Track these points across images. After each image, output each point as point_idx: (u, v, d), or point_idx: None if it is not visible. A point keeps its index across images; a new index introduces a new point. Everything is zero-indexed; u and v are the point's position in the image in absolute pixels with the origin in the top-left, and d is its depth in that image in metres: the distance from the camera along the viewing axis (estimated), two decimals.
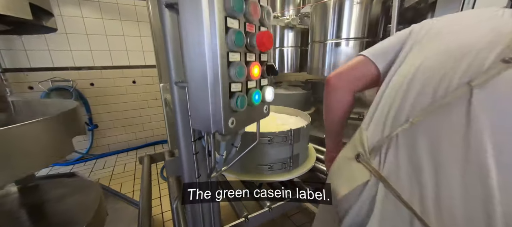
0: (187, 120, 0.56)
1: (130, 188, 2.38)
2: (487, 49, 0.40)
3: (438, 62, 0.45)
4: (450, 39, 0.47)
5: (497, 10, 0.47)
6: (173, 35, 0.47)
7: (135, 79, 3.21)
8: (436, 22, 0.53)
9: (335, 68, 1.74)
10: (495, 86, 0.37)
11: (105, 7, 2.82)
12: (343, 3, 1.58)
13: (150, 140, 3.51)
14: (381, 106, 0.52)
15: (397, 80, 0.51)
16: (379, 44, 0.63)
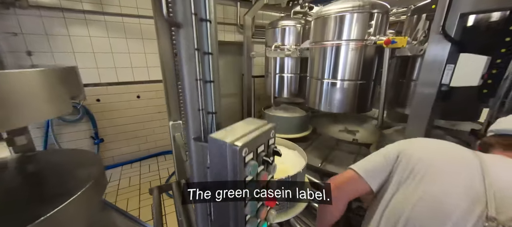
0: (202, 170, 0.62)
1: (136, 204, 2.51)
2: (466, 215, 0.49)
3: (425, 219, 0.53)
4: (432, 194, 0.54)
5: (469, 155, 0.57)
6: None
7: (139, 94, 3.32)
8: (418, 162, 0.60)
9: (331, 104, 1.87)
10: None
11: (111, 26, 2.91)
12: (339, 48, 1.70)
13: (153, 152, 3.64)
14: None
15: (392, 216, 0.59)
16: (370, 163, 0.72)
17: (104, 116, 3.14)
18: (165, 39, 1.45)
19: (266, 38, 2.69)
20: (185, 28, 0.47)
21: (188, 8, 0.45)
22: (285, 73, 2.46)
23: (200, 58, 0.50)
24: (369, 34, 1.61)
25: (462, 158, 0.58)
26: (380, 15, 1.60)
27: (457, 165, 0.57)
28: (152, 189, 1.72)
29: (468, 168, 0.54)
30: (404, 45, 1.34)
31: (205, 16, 0.47)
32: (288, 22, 2.34)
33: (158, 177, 3.08)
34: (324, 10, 1.73)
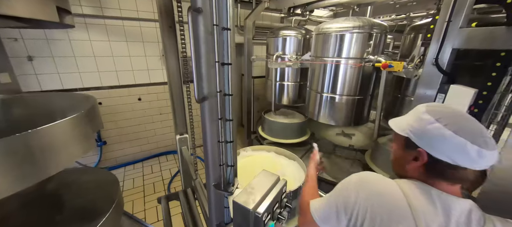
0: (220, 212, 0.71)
1: (141, 206, 2.62)
2: None
3: None
4: None
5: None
6: None
7: (141, 96, 3.35)
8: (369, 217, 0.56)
9: (329, 117, 1.97)
10: None
11: (111, 30, 2.89)
12: (339, 65, 1.77)
13: (154, 152, 3.72)
14: None
15: None
16: (320, 208, 0.66)
17: (106, 118, 3.18)
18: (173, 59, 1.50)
19: (267, 44, 2.73)
20: (210, 101, 0.55)
21: (213, 87, 0.53)
22: (286, 81, 2.53)
23: (223, 124, 0.58)
24: (367, 53, 1.68)
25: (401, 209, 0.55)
26: (378, 35, 1.67)
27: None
28: (160, 198, 1.82)
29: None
30: (401, 69, 1.42)
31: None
32: (289, 32, 2.38)
33: (160, 178, 3.18)
34: (325, 27, 1.79)
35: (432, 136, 0.55)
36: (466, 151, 0.50)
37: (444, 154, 0.53)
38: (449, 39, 1.13)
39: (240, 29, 3.85)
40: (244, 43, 3.34)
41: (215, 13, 0.48)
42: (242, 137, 4.44)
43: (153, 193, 2.86)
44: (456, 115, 0.56)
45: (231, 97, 0.57)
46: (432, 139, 0.55)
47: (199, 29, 0.49)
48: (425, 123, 0.56)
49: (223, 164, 0.62)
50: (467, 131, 0.52)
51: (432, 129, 0.55)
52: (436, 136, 0.54)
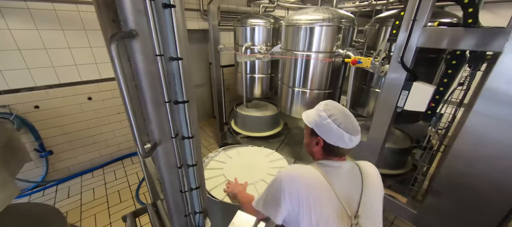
0: None
1: (106, 219, 2.37)
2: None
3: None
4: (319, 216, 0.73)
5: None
6: None
7: (91, 95, 2.88)
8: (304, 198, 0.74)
9: (300, 111, 1.96)
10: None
11: (38, 16, 2.32)
12: (309, 59, 1.72)
13: (116, 155, 3.35)
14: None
15: None
16: (261, 200, 0.84)
17: (48, 124, 2.67)
18: None
19: (234, 33, 2.54)
20: (164, 146, 0.42)
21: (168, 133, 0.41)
22: (256, 74, 2.42)
23: (185, 171, 0.46)
24: (337, 47, 1.66)
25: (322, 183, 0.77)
26: (347, 27, 1.65)
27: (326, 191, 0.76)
28: (125, 217, 1.63)
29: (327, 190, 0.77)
30: (369, 65, 1.44)
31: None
32: (257, 21, 2.22)
33: (126, 184, 2.89)
34: (295, 19, 1.69)
35: (326, 128, 0.79)
36: (344, 138, 0.77)
37: (332, 140, 0.79)
38: (413, 38, 1.15)
39: (204, 14, 3.51)
40: (209, 30, 3.06)
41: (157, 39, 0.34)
42: (214, 130, 4.29)
43: (119, 202, 2.60)
44: (341, 113, 0.80)
45: (193, 139, 0.44)
46: (325, 130, 0.79)
47: (136, 58, 0.35)
48: (321, 118, 0.80)
49: (189, 214, 0.52)
50: (345, 124, 0.78)
51: (325, 123, 0.79)
52: (327, 128, 0.79)
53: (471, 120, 1.04)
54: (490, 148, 1.00)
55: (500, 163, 0.98)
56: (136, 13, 0.33)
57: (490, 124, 0.99)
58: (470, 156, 1.08)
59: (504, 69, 0.92)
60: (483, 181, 1.06)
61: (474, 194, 1.11)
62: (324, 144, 0.81)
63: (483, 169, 1.04)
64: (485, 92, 0.98)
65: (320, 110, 0.81)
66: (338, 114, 0.79)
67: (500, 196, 1.03)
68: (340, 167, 0.81)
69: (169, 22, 0.35)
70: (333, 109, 0.80)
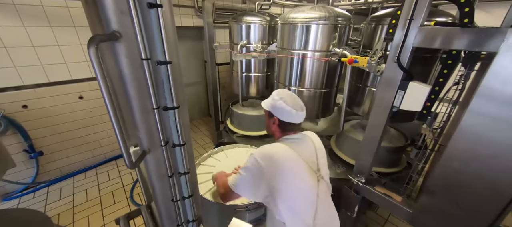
0: None
1: (100, 221, 2.33)
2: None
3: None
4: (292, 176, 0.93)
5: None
6: None
7: (82, 94, 2.81)
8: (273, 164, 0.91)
9: None
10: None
11: (25, 12, 2.23)
12: (305, 58, 1.71)
13: (110, 155, 3.29)
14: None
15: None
16: (241, 182, 0.96)
17: (37, 124, 2.60)
18: None
19: (230, 31, 2.49)
20: (154, 154, 0.40)
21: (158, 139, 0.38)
22: (252, 72, 2.39)
23: (176, 180, 0.44)
24: (333, 45, 1.65)
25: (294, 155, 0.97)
26: (343, 26, 1.63)
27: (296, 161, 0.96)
28: (118, 220, 1.60)
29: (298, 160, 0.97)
30: (365, 65, 1.43)
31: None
32: (253, 18, 2.19)
33: (121, 184, 2.84)
34: (291, 17, 1.66)
35: (278, 108, 1.01)
36: (292, 113, 1.00)
37: (284, 117, 1.01)
38: (410, 37, 1.14)
39: (199, 11, 3.45)
40: (204, 27, 3.01)
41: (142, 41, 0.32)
42: (210, 129, 4.25)
43: (113, 203, 2.55)
44: (289, 96, 1.04)
45: (184, 147, 0.42)
46: (279, 109, 1.01)
47: (121, 62, 0.32)
48: (274, 101, 1.02)
49: (182, 224, 0.49)
50: (293, 103, 1.01)
51: (278, 104, 1.00)
52: (280, 108, 1.00)
53: (467, 119, 1.04)
54: (486, 147, 1.00)
55: (496, 162, 0.99)
56: (119, 14, 0.30)
57: (485, 124, 0.99)
58: (465, 155, 1.08)
59: (499, 69, 0.92)
60: (479, 180, 1.07)
61: (469, 193, 1.12)
62: (279, 122, 1.03)
63: (479, 168, 1.05)
64: (481, 92, 0.98)
65: (274, 96, 1.04)
66: (286, 97, 1.02)
67: (494, 194, 1.04)
68: (297, 138, 1.03)
69: (156, 23, 0.32)
70: (282, 94, 1.04)
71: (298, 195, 0.92)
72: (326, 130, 2.62)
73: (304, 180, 0.93)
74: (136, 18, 0.30)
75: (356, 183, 1.63)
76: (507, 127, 0.94)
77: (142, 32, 0.31)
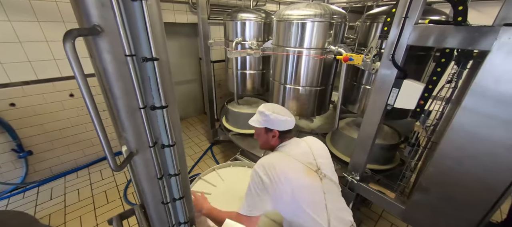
0: None
1: (92, 221, 2.28)
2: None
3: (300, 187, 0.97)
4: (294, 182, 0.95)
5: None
6: None
7: (73, 92, 2.73)
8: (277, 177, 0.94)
9: (293, 108, 1.94)
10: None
11: (9, 5, 2.14)
12: (301, 56, 1.69)
13: (102, 154, 3.22)
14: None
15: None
16: (251, 202, 0.94)
17: (26, 122, 2.52)
18: None
19: (225, 28, 2.46)
20: (141, 155, 0.38)
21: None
22: (247, 70, 2.37)
23: (166, 181, 0.42)
24: (328, 43, 1.64)
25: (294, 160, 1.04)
26: (339, 23, 1.63)
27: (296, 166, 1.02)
28: (111, 220, 1.57)
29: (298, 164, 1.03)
30: (360, 63, 1.42)
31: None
32: (248, 15, 2.16)
33: (114, 183, 2.80)
34: (286, 14, 1.65)
35: (274, 121, 1.07)
36: (288, 121, 1.09)
37: (281, 127, 1.09)
38: (404, 35, 1.14)
39: (193, 7, 3.39)
40: (198, 23, 2.95)
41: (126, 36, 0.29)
42: (206, 126, 4.21)
43: (106, 203, 2.51)
44: (276, 107, 1.12)
45: (174, 147, 0.40)
46: (276, 122, 1.07)
47: (103, 59, 0.30)
48: (268, 117, 1.07)
49: (173, 226, 0.48)
50: (284, 112, 1.11)
51: (272, 117, 1.07)
52: (276, 120, 1.07)
53: (459, 117, 1.05)
54: (478, 145, 1.02)
55: (488, 160, 1.00)
56: (100, 7, 0.28)
57: (478, 121, 1.00)
58: (457, 153, 1.09)
59: (492, 67, 0.93)
60: (470, 177, 1.08)
61: (461, 190, 1.13)
62: (279, 133, 1.10)
63: (471, 166, 1.06)
64: (473, 90, 0.99)
65: (265, 112, 1.08)
66: (276, 109, 1.10)
67: (486, 191, 1.06)
68: (290, 143, 1.11)
69: (140, 17, 0.30)
70: (271, 107, 1.11)
71: (305, 195, 0.96)
72: (321, 127, 2.63)
73: (305, 179, 0.98)
74: (118, 11, 0.28)
75: (350, 180, 1.64)
76: (499, 125, 0.95)
77: (125, 27, 0.29)
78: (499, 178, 1.00)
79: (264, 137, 1.13)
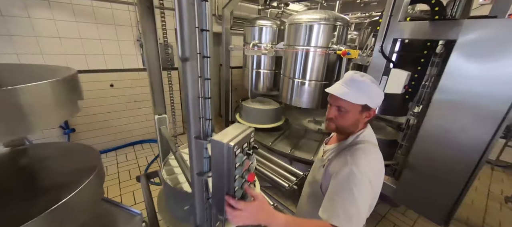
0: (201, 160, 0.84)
1: (117, 191, 2.59)
2: None
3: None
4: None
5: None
6: None
7: (113, 82, 3.23)
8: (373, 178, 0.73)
9: (299, 100, 2.18)
10: None
11: (79, 10, 2.73)
12: (308, 53, 1.98)
13: (129, 141, 3.62)
14: None
15: None
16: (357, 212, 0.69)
17: None
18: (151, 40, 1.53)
19: (244, 33, 2.85)
20: (191, 62, 0.67)
21: (194, 49, 0.65)
22: (262, 69, 2.68)
23: (202, 82, 0.70)
24: (332, 43, 1.91)
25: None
26: (342, 27, 1.91)
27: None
28: (139, 177, 1.86)
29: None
30: (356, 56, 1.67)
31: (206, 54, 0.67)
32: (265, 22, 2.53)
33: (136, 165, 3.14)
34: (297, 18, 1.97)
35: (376, 95, 0.77)
36: (381, 96, 0.79)
37: (380, 103, 0.79)
38: (391, 31, 1.39)
39: (218, 19, 3.89)
40: (222, 33, 3.40)
41: None
42: (221, 127, 4.53)
43: (129, 179, 2.83)
44: (372, 78, 0.79)
45: (209, 59, 0.69)
46: (378, 98, 0.78)
47: (182, 1, 0.60)
48: (371, 87, 0.76)
49: (202, 117, 0.75)
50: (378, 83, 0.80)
51: (374, 90, 0.76)
52: (377, 95, 0.77)
53: (436, 97, 1.24)
54: (453, 122, 1.19)
55: (463, 135, 1.16)
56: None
57: (451, 100, 1.18)
58: (436, 130, 1.26)
59: (460, 51, 1.13)
60: (449, 151, 1.23)
61: (442, 165, 1.27)
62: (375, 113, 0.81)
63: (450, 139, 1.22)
64: (447, 72, 1.18)
65: (368, 83, 0.75)
66: (372, 79, 0.78)
67: (462, 162, 1.19)
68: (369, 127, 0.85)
69: None
70: (367, 75, 0.78)
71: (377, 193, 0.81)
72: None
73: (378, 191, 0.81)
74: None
75: None
76: (469, 99, 1.13)
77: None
78: (474, 149, 1.15)
79: (355, 117, 0.79)
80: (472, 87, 1.11)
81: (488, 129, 1.07)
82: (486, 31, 1.04)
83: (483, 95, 1.08)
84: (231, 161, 0.67)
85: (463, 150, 1.17)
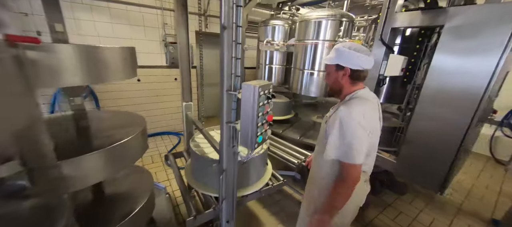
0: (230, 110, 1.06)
1: None
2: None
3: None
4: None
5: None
6: None
7: (140, 78, 3.59)
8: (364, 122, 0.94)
9: (309, 90, 2.39)
10: None
11: (114, 13, 3.14)
12: (317, 46, 2.21)
13: (151, 132, 3.95)
14: None
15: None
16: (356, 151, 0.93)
17: (105, 96, 3.38)
18: (183, 34, 1.83)
19: (258, 33, 3.14)
20: (228, 30, 0.93)
21: (231, 19, 0.91)
22: (274, 64, 2.94)
23: (235, 46, 0.95)
24: (338, 37, 2.14)
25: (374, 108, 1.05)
26: (347, 23, 2.13)
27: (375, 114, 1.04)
28: (167, 156, 2.11)
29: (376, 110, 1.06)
30: None
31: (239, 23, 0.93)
32: (277, 21, 2.81)
33: (158, 152, 3.43)
34: (307, 15, 2.22)
35: (348, 57, 0.98)
36: (360, 58, 0.97)
37: (355, 65, 0.99)
38: (389, 21, 1.60)
39: None
40: None
41: None
42: None
43: (151, 163, 3.11)
44: (352, 44, 1.01)
45: (241, 28, 0.94)
46: (348, 59, 0.98)
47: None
48: (341, 52, 0.99)
49: (233, 73, 0.99)
50: (360, 49, 0.98)
51: (346, 53, 0.98)
52: (349, 56, 0.98)
53: (428, 78, 1.42)
54: (442, 101, 1.36)
55: (450, 113, 1.33)
56: None
57: (441, 78, 1.36)
58: (429, 107, 1.43)
59: (448, 35, 1.32)
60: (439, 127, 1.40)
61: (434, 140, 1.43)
62: (350, 72, 0.99)
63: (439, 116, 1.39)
64: (437, 53, 1.37)
65: (339, 49, 0.99)
66: (352, 45, 0.98)
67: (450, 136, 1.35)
68: (365, 90, 1.05)
69: None
70: (347, 45, 0.99)
71: (375, 138, 1.03)
72: None
73: (377, 123, 1.04)
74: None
75: None
76: (457, 77, 1.31)
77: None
78: (459, 126, 1.31)
79: (333, 75, 1.04)
80: (460, 66, 1.29)
81: (472, 104, 1.25)
82: (466, 16, 1.23)
83: (467, 71, 1.26)
84: (256, 100, 0.91)
85: (452, 124, 1.34)
